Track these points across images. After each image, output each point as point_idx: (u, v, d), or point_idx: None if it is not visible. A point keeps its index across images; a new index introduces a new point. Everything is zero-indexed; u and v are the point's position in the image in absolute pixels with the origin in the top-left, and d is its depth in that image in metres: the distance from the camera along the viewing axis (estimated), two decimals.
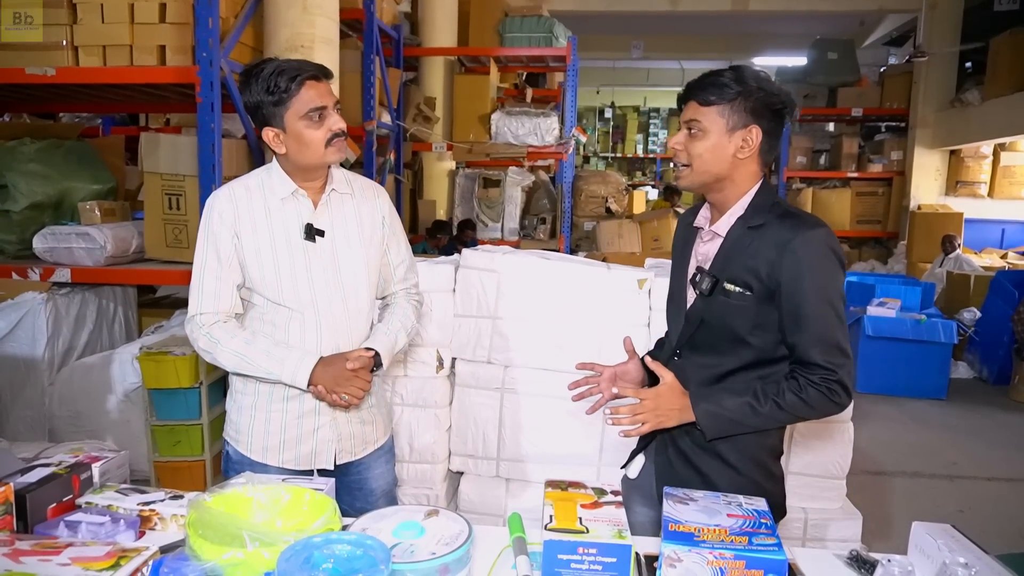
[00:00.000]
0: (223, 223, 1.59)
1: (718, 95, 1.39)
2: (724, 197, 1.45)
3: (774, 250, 1.36)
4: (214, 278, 1.59)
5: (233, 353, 1.57)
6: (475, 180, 7.06)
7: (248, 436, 1.66)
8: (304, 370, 1.56)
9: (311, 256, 1.62)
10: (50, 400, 3.48)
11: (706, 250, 1.49)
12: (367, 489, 1.76)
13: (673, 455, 1.51)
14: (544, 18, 6.80)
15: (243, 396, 1.67)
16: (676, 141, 1.45)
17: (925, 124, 8.81)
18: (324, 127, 1.55)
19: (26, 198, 3.64)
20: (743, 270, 1.39)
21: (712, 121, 1.40)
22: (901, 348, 5.35)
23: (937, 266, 7.21)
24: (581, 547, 1.04)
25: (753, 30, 11.81)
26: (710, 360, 1.45)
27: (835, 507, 2.52)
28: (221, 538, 1.05)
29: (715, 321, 1.43)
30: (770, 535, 1.11)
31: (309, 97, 1.53)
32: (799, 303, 1.35)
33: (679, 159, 1.45)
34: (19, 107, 4.87)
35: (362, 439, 1.73)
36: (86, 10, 3.39)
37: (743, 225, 1.42)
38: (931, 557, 1.20)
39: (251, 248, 1.59)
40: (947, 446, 4.41)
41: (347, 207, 1.68)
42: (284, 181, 1.61)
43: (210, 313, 1.59)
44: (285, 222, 1.61)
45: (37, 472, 1.27)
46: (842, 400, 1.37)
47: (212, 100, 3.34)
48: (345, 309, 1.65)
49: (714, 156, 1.40)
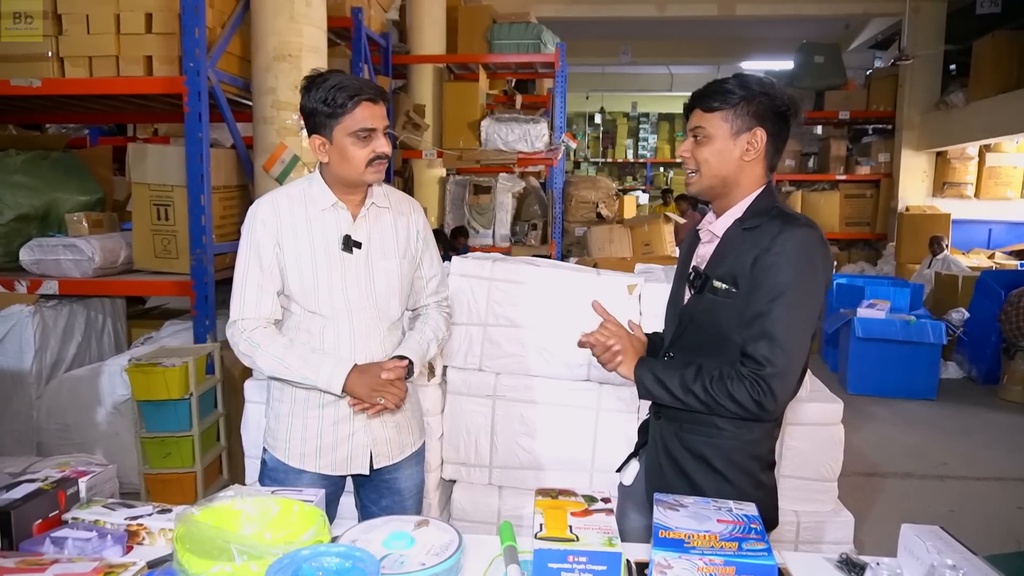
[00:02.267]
0: (266, 231, 1.64)
1: (721, 101, 1.42)
2: (730, 201, 1.47)
3: (760, 246, 1.37)
4: (256, 285, 1.64)
5: (272, 357, 1.61)
6: (466, 187, 7.06)
7: (286, 443, 1.71)
8: (339, 377, 1.60)
9: (347, 267, 1.66)
10: (38, 413, 3.45)
11: (704, 252, 1.51)
12: (395, 489, 1.79)
13: (663, 460, 1.52)
14: (532, 24, 6.82)
15: (280, 404, 1.72)
16: (684, 149, 1.47)
17: (911, 126, 8.89)
18: (369, 147, 1.60)
19: (12, 210, 3.62)
20: (731, 267, 1.40)
21: (716, 126, 1.43)
22: (891, 349, 5.38)
23: (925, 267, 7.26)
24: (571, 555, 1.04)
25: (740, 34, 11.89)
26: (697, 360, 1.44)
27: (827, 509, 2.52)
28: (209, 552, 1.04)
29: (703, 319, 1.45)
30: (759, 540, 1.11)
31: (362, 117, 1.58)
32: (762, 296, 1.35)
33: (688, 166, 1.47)
34: (5, 118, 4.85)
35: (398, 444, 1.77)
36: (71, 21, 3.38)
37: (739, 226, 1.44)
38: (920, 559, 1.21)
39: (291, 256, 1.64)
40: (938, 446, 4.44)
41: (384, 220, 1.73)
42: (325, 192, 1.66)
43: (251, 319, 1.64)
44: (325, 232, 1.66)
45: (22, 488, 1.25)
46: (764, 403, 1.33)
47: (199, 110, 3.34)
48: (377, 319, 1.70)
49: (720, 160, 1.43)
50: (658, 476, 1.52)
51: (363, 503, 1.83)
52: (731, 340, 1.41)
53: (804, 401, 2.53)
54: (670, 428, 1.51)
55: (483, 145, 6.45)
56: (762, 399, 1.33)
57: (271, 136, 3.64)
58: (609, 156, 16.91)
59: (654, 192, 15.19)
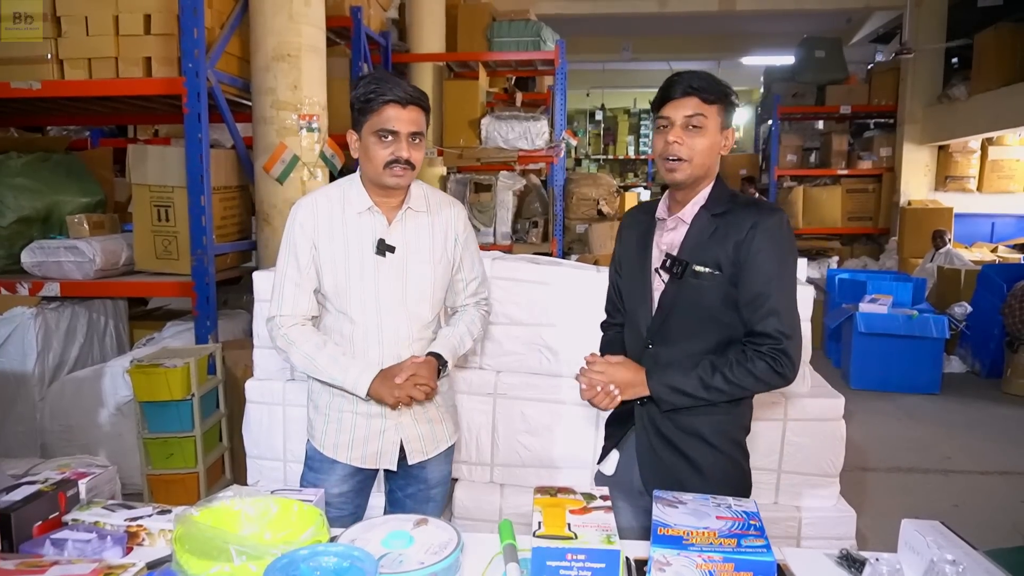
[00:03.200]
0: (303, 233, 1.69)
1: (720, 95, 1.48)
2: (695, 190, 1.54)
3: (740, 232, 1.46)
4: (293, 285, 1.69)
5: (304, 356, 1.67)
6: (466, 185, 7.05)
7: (322, 434, 1.77)
8: (364, 382, 1.65)
9: (380, 271, 1.68)
10: (41, 415, 3.46)
11: (671, 238, 1.55)
12: (422, 478, 1.82)
13: (656, 441, 1.56)
14: (532, 22, 6.81)
15: (319, 397, 1.79)
16: (677, 136, 1.47)
17: (913, 120, 8.85)
18: (389, 149, 1.61)
19: (13, 212, 3.62)
20: (712, 252, 1.48)
21: (713, 119, 1.48)
22: (894, 344, 5.37)
23: (928, 261, 7.24)
24: (570, 553, 1.04)
25: (741, 30, 11.85)
26: (683, 344, 1.51)
27: (829, 505, 2.52)
28: (208, 553, 1.04)
29: (687, 303, 1.50)
30: (759, 536, 1.11)
31: (386, 117, 1.60)
32: (758, 279, 1.45)
33: (678, 153, 1.47)
34: (6, 121, 4.85)
35: (432, 439, 1.80)
36: (70, 23, 3.38)
37: (707, 213, 1.51)
38: (920, 554, 1.21)
39: (327, 257, 1.68)
40: (941, 441, 4.43)
41: (421, 224, 1.74)
42: (362, 195, 1.69)
43: (288, 316, 1.69)
44: (360, 235, 1.68)
45: (23, 490, 1.26)
46: (786, 372, 1.45)
47: (199, 110, 3.34)
48: (408, 324, 1.72)
49: (710, 152, 1.49)
50: (652, 459, 1.56)
51: (390, 488, 1.87)
52: (716, 320, 1.50)
53: (806, 396, 2.53)
54: (659, 410, 1.54)
55: (483, 143, 6.44)
56: (784, 369, 1.45)
57: (271, 136, 3.64)
58: (610, 153, 16.89)
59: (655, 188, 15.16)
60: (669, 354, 1.53)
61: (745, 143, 16.64)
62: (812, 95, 9.70)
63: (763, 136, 12.13)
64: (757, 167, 11.00)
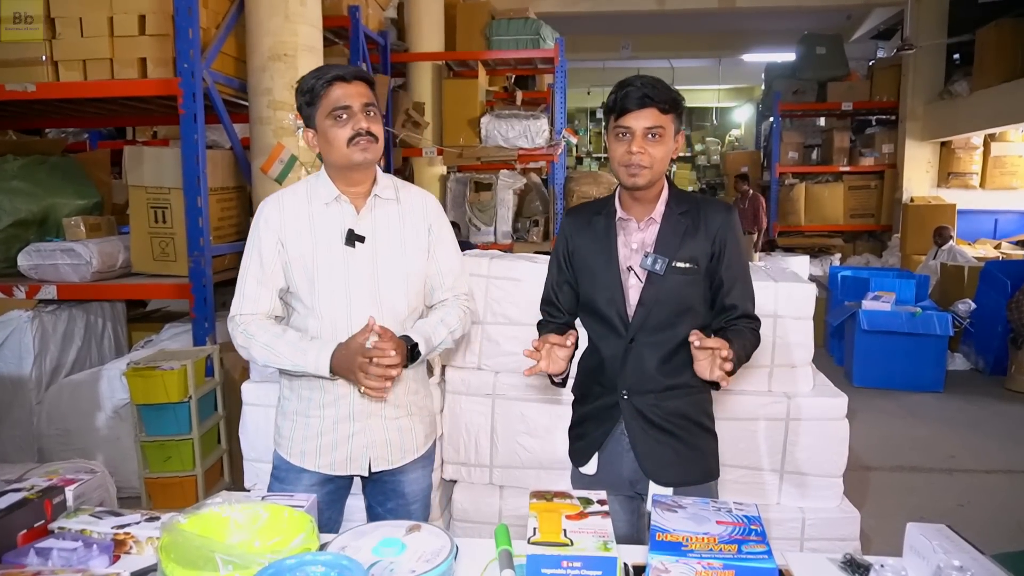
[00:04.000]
0: (268, 229, 1.64)
1: (672, 105, 1.55)
2: (652, 192, 1.61)
3: (711, 229, 1.60)
4: (256, 282, 1.64)
5: (263, 346, 1.61)
6: (466, 184, 7.03)
7: (289, 441, 1.71)
8: (324, 359, 1.57)
9: (350, 263, 1.63)
10: (39, 419, 3.44)
11: (642, 237, 1.62)
12: (400, 492, 1.76)
13: (647, 431, 1.62)
14: (531, 20, 6.78)
15: (287, 402, 1.73)
16: (639, 146, 1.53)
17: (915, 116, 8.81)
18: (348, 126, 1.57)
19: (9, 215, 3.61)
20: (688, 249, 1.59)
21: (668, 127, 1.56)
22: (897, 341, 5.33)
23: (931, 258, 7.20)
24: (565, 560, 1.01)
25: (741, 27, 11.81)
26: (664, 336, 1.59)
27: (832, 506, 2.49)
28: (194, 562, 1.02)
29: (670, 298, 1.58)
30: (760, 542, 1.08)
31: (335, 96, 1.57)
32: (737, 270, 1.62)
33: (641, 162, 1.54)
34: (3, 124, 4.83)
35: (400, 447, 1.72)
36: (65, 24, 3.36)
37: (673, 211, 1.62)
38: (926, 559, 1.18)
39: (295, 253, 1.63)
40: (945, 439, 4.39)
41: (391, 213, 1.69)
42: (328, 186, 1.65)
43: (248, 315, 1.64)
44: (328, 227, 1.64)
45: (8, 497, 1.23)
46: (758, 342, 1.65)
47: (195, 111, 3.31)
48: (380, 316, 1.63)
49: (666, 158, 1.57)
50: (649, 447, 1.62)
51: (369, 504, 1.81)
52: (692, 311, 1.61)
53: (808, 396, 2.50)
54: (646, 401, 1.62)
55: (483, 142, 6.41)
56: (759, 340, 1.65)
57: (268, 137, 3.61)
58: None
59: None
60: (651, 347, 1.60)
61: (746, 140, 16.61)
62: (813, 92, 9.67)
63: (764, 133, 12.10)
64: (759, 165, 10.96)
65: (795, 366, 2.51)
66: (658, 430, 1.61)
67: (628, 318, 1.60)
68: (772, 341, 2.48)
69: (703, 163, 17.58)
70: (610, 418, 1.65)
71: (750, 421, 2.47)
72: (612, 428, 1.65)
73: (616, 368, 1.62)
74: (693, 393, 1.64)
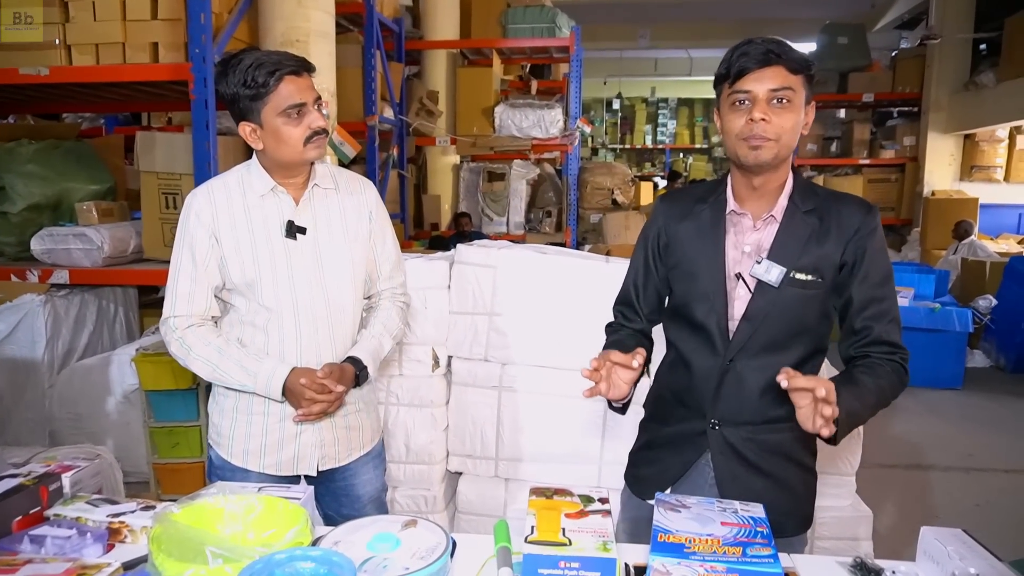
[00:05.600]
0: (200, 223, 1.54)
1: (802, 64, 1.27)
2: (778, 176, 1.33)
3: (844, 234, 1.31)
4: (188, 280, 1.54)
5: (205, 362, 1.53)
6: (479, 174, 7.00)
7: (229, 440, 1.62)
8: (276, 384, 1.52)
9: (292, 255, 1.56)
10: (50, 402, 3.46)
11: (757, 239, 1.34)
12: (354, 495, 1.71)
13: (736, 467, 1.38)
14: (547, 8, 6.71)
15: (225, 398, 1.62)
16: (764, 112, 1.25)
17: (939, 108, 8.63)
18: (303, 124, 1.50)
19: (24, 200, 3.61)
20: (813, 257, 1.31)
21: (799, 92, 1.28)
22: (915, 337, 5.23)
23: (951, 253, 7.07)
24: (563, 561, 0.98)
25: (761, 16, 11.63)
26: (771, 359, 1.32)
27: (845, 504, 2.44)
28: (185, 554, 1.00)
29: (783, 314, 1.32)
30: (766, 545, 1.04)
31: (288, 93, 1.47)
32: (875, 286, 1.32)
33: (766, 132, 1.26)
34: (21, 108, 4.86)
35: (347, 445, 1.67)
36: (78, 8, 3.35)
37: (798, 209, 1.33)
38: (940, 564, 1.14)
39: (230, 248, 1.54)
40: (963, 437, 4.31)
41: (331, 202, 1.63)
42: (263, 177, 1.56)
43: (183, 316, 1.54)
44: (265, 220, 1.56)
45: (4, 483, 1.22)
46: (906, 378, 1.35)
47: (206, 97, 3.29)
48: (327, 309, 1.60)
49: (796, 130, 1.29)
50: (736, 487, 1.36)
51: (324, 512, 1.73)
52: (808, 331, 1.35)
53: None
54: (739, 434, 1.37)
55: (497, 131, 6.37)
56: (906, 377, 1.34)
57: None
58: (627, 142, 16.73)
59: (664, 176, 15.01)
60: (753, 371, 1.34)
61: None
62: (834, 83, 9.50)
63: None
64: None
65: None
66: (750, 467, 1.37)
67: (729, 334, 1.34)
68: None
69: (720, 155, 17.41)
70: (693, 448, 1.41)
71: None
72: (695, 460, 1.41)
73: (708, 391, 1.37)
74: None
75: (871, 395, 1.27)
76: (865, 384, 1.27)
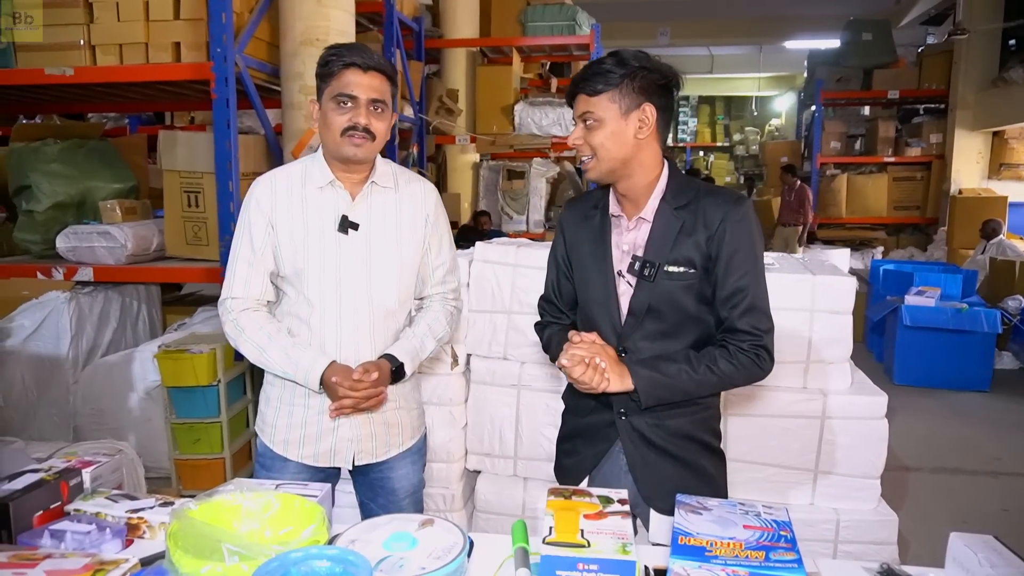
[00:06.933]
0: (259, 210, 1.58)
1: (604, 83, 1.38)
2: (634, 182, 1.44)
3: (710, 226, 1.40)
4: (246, 264, 1.59)
5: (254, 346, 1.57)
6: (499, 172, 6.99)
7: (272, 428, 1.66)
8: (315, 375, 1.54)
9: (342, 250, 1.58)
10: (74, 398, 3.51)
11: (633, 238, 1.46)
12: (389, 489, 1.71)
13: (646, 452, 1.48)
14: (567, 6, 6.68)
15: (271, 388, 1.67)
16: (576, 137, 1.42)
17: (966, 105, 8.46)
18: (346, 116, 1.52)
19: (49, 198, 3.66)
20: (682, 250, 1.41)
21: (604, 109, 1.38)
22: (941, 338, 5.14)
23: (979, 252, 6.93)
24: (581, 563, 0.97)
25: (784, 12, 11.50)
26: (660, 346, 1.44)
27: (869, 508, 2.40)
28: (201, 550, 0.99)
29: (663, 305, 1.43)
30: (790, 549, 1.02)
31: (345, 82, 1.52)
32: (735, 276, 1.40)
33: (582, 152, 1.42)
34: (48, 108, 4.94)
35: (384, 441, 1.68)
36: (102, 8, 3.39)
37: (669, 207, 1.43)
38: (970, 572, 1.10)
39: (284, 236, 1.58)
40: (990, 440, 4.22)
41: (388, 202, 1.64)
42: (323, 170, 1.59)
43: (240, 299, 1.59)
44: (321, 212, 1.59)
45: (25, 478, 1.23)
46: (766, 366, 1.42)
47: (227, 96, 3.32)
48: (370, 308, 1.61)
49: (616, 142, 1.40)
50: (648, 472, 1.48)
51: (361, 500, 1.77)
52: (691, 319, 1.44)
53: (845, 393, 2.40)
54: (646, 421, 1.46)
55: (517, 130, 6.36)
56: (765, 364, 1.42)
57: (299, 122, 3.61)
58: None
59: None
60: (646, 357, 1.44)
61: (787, 130, 16.22)
62: (858, 80, 9.36)
63: (806, 123, 11.78)
64: (799, 155, 10.69)
65: (832, 362, 2.42)
66: (659, 452, 1.46)
67: (620, 327, 1.46)
68: (808, 336, 2.39)
69: (741, 153, 17.25)
70: (605, 438, 1.51)
71: (783, 418, 2.39)
72: (607, 449, 1.52)
73: None
74: (699, 411, 1.48)
75: (680, 379, 1.39)
76: (688, 374, 1.39)
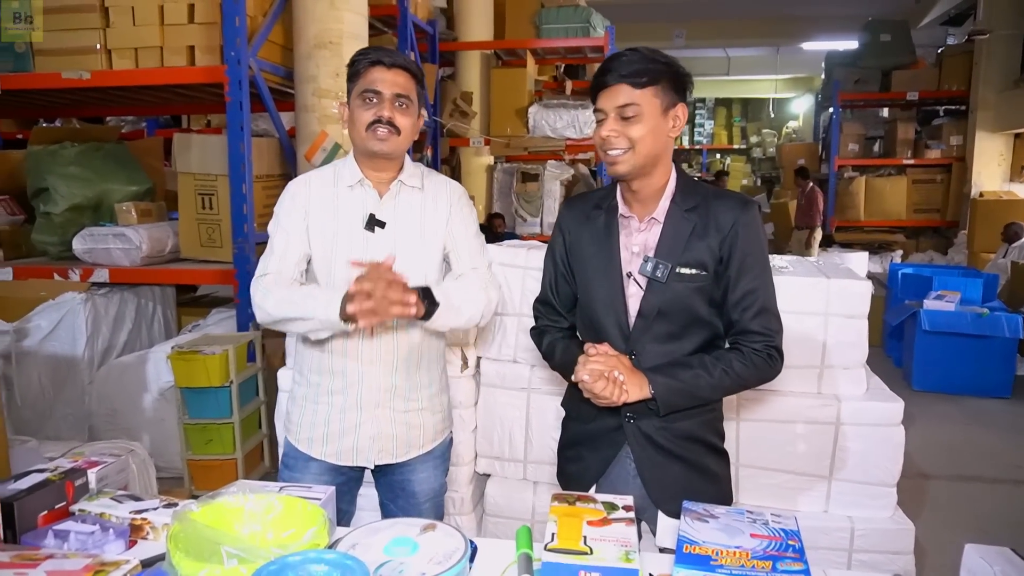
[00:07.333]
0: (294, 205, 1.63)
1: (651, 76, 1.37)
2: (652, 181, 1.44)
3: (722, 229, 1.41)
4: (281, 248, 1.61)
5: (280, 299, 1.57)
6: (513, 175, 6.97)
7: (297, 427, 1.69)
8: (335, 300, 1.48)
9: (369, 247, 1.60)
10: (90, 398, 3.54)
11: (644, 239, 1.46)
12: (409, 491, 1.72)
13: (655, 456, 1.47)
14: (581, 8, 6.66)
15: (298, 387, 1.71)
16: (611, 128, 1.38)
17: (987, 106, 8.34)
18: (372, 111, 1.55)
19: (66, 200, 3.71)
20: (695, 252, 1.41)
21: (649, 102, 1.37)
22: (961, 343, 5.06)
23: (1000, 256, 6.82)
24: (583, 570, 0.95)
25: (800, 13, 11.40)
26: (668, 348, 1.44)
27: (885, 516, 2.34)
28: (201, 553, 0.99)
29: (673, 307, 1.42)
30: (797, 559, 1.00)
31: (371, 79, 1.55)
32: (747, 278, 1.41)
33: (617, 145, 1.39)
34: (66, 111, 5.00)
35: (406, 442, 1.68)
36: (118, 13, 3.43)
37: (679, 209, 1.44)
38: None
39: (316, 231, 1.61)
40: (1011, 448, 4.14)
41: (414, 201, 1.66)
42: (353, 169, 1.63)
43: (273, 274, 1.61)
44: (350, 210, 1.62)
45: (31, 478, 1.24)
46: (777, 365, 1.44)
47: (240, 99, 3.34)
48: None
49: (655, 137, 1.39)
50: (657, 475, 1.47)
51: (381, 500, 1.78)
52: (700, 321, 1.45)
53: (861, 399, 2.36)
54: (654, 424, 1.46)
55: (531, 132, 6.35)
56: (775, 364, 1.43)
57: (313, 124, 3.62)
58: None
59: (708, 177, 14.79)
60: (655, 359, 1.43)
61: (804, 132, 16.08)
62: (876, 81, 9.26)
63: (823, 125, 11.67)
64: (816, 157, 10.59)
65: (847, 367, 2.37)
66: (666, 455, 1.46)
67: (628, 330, 1.45)
68: (823, 341, 2.35)
69: (759, 155, 17.12)
70: (612, 443, 1.50)
71: (796, 424, 2.35)
72: (615, 455, 1.50)
73: None
74: (705, 413, 1.49)
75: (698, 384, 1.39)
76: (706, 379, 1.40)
